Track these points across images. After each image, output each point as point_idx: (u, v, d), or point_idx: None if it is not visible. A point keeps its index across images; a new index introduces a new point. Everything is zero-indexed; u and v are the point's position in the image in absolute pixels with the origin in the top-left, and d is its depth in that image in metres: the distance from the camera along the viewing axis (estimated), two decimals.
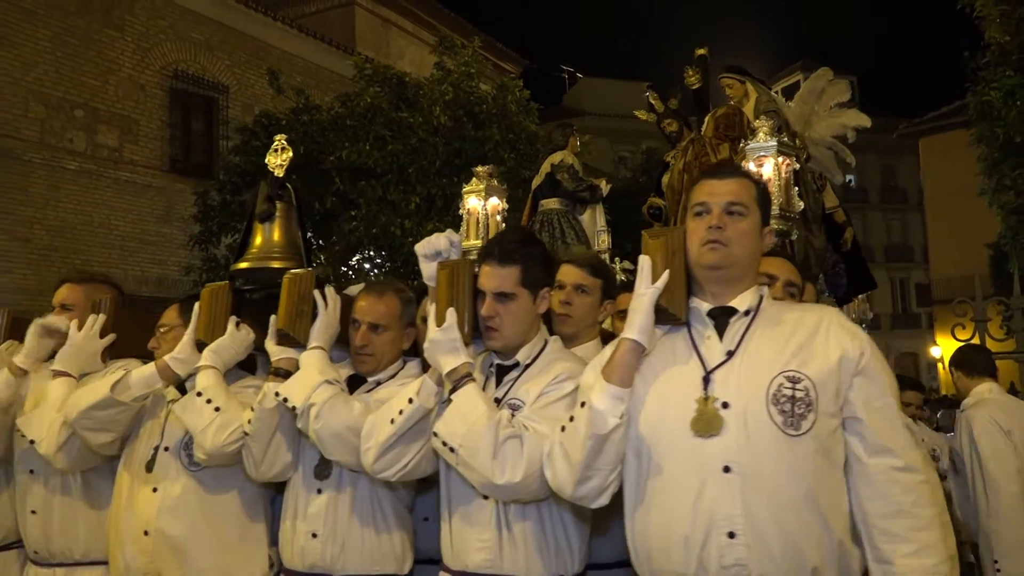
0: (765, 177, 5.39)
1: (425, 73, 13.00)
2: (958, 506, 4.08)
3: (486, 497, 2.16)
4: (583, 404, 1.89)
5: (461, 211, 6.96)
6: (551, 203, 6.65)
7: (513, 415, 2.11)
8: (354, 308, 2.60)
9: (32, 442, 2.82)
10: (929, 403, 6.29)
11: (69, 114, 13.23)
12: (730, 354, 1.86)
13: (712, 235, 1.89)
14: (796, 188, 5.57)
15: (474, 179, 6.96)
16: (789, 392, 1.78)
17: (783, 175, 5.43)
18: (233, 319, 2.78)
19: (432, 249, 2.40)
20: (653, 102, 6.67)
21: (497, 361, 2.31)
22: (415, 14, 20.84)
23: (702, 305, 1.94)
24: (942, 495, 1.87)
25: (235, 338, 2.75)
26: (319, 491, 2.51)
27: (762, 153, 5.46)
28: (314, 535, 2.47)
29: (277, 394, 2.48)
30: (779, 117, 6.11)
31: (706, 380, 1.83)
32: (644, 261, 1.92)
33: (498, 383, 2.27)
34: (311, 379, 2.43)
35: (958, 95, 13.49)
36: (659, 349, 1.95)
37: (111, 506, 2.81)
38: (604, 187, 6.85)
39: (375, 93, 11.40)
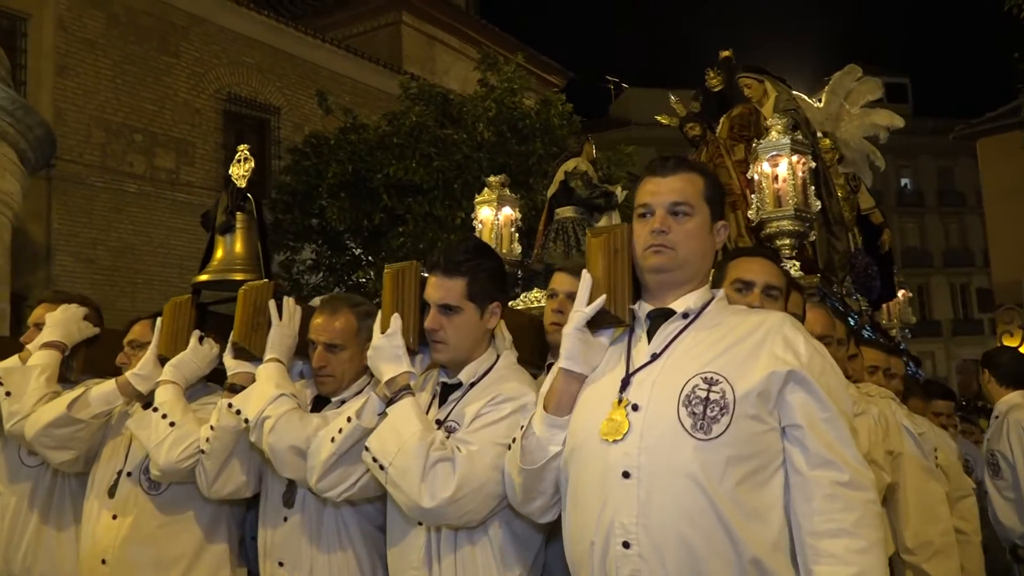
0: (781, 177, 5.32)
1: (470, 88, 13.20)
2: (999, 509, 4.04)
3: (420, 522, 2.05)
4: (523, 428, 1.86)
5: (474, 222, 6.85)
6: (566, 211, 6.54)
7: (448, 437, 2.01)
8: (310, 327, 2.50)
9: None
10: (982, 410, 6.12)
11: (129, 138, 13.75)
12: (654, 357, 1.75)
13: (656, 239, 1.77)
14: (813, 188, 5.46)
15: (486, 189, 6.83)
16: (703, 394, 1.65)
17: (799, 174, 5.32)
18: (196, 333, 2.72)
19: None
20: (675, 106, 6.57)
21: (443, 379, 2.21)
22: (460, 30, 21.12)
23: (644, 307, 1.84)
24: (886, 521, 1.84)
25: (197, 352, 2.68)
26: (285, 519, 2.43)
27: (775, 152, 5.35)
28: (280, 564, 2.41)
29: (231, 405, 2.41)
30: (798, 115, 5.98)
31: (624, 383, 1.74)
32: (584, 277, 1.84)
33: (442, 403, 2.17)
34: (267, 391, 2.36)
35: (1014, 96, 13.16)
36: (607, 355, 1.86)
37: (81, 528, 2.75)
38: (620, 193, 6.77)
39: (420, 112, 11.61)
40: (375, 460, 1.98)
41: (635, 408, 1.69)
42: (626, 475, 1.64)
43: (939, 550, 2.87)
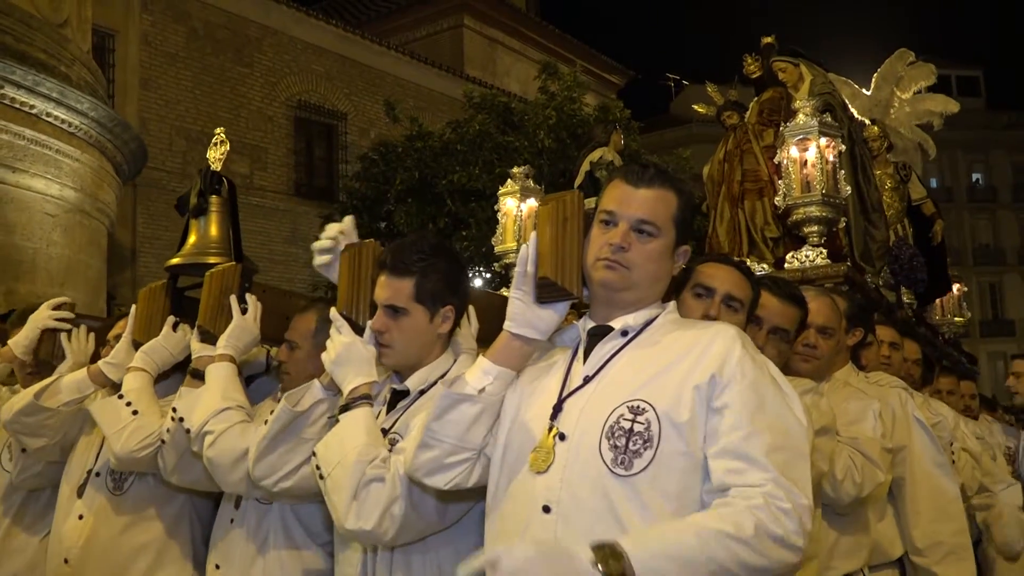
0: (809, 162, 5.13)
1: (531, 89, 13.49)
2: None
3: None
4: None
5: (498, 214, 6.77)
6: (592, 202, 6.55)
7: (391, 450, 1.87)
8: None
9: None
10: None
11: (206, 145, 14.39)
12: (587, 380, 1.63)
13: (612, 255, 1.63)
14: (843, 172, 5.27)
15: (509, 181, 6.72)
16: (627, 424, 1.52)
17: (828, 158, 5.12)
18: (171, 319, 2.63)
19: (330, 240, 2.19)
20: (712, 95, 6.39)
21: (393, 385, 2.07)
22: (521, 32, 21.44)
23: (587, 323, 1.72)
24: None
25: (169, 339, 2.59)
26: (232, 520, 2.39)
27: (803, 135, 5.17)
28: (217, 567, 2.37)
29: (174, 410, 2.34)
30: (833, 99, 5.79)
31: (556, 409, 1.61)
32: (531, 239, 1.71)
33: (390, 410, 2.04)
34: (212, 403, 2.25)
35: None
36: (542, 365, 1.73)
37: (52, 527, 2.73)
38: None
39: (483, 120, 12.01)
40: (318, 468, 1.88)
41: (562, 438, 1.57)
42: (546, 510, 1.53)
43: (951, 551, 2.67)
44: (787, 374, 2.40)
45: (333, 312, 2.01)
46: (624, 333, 1.67)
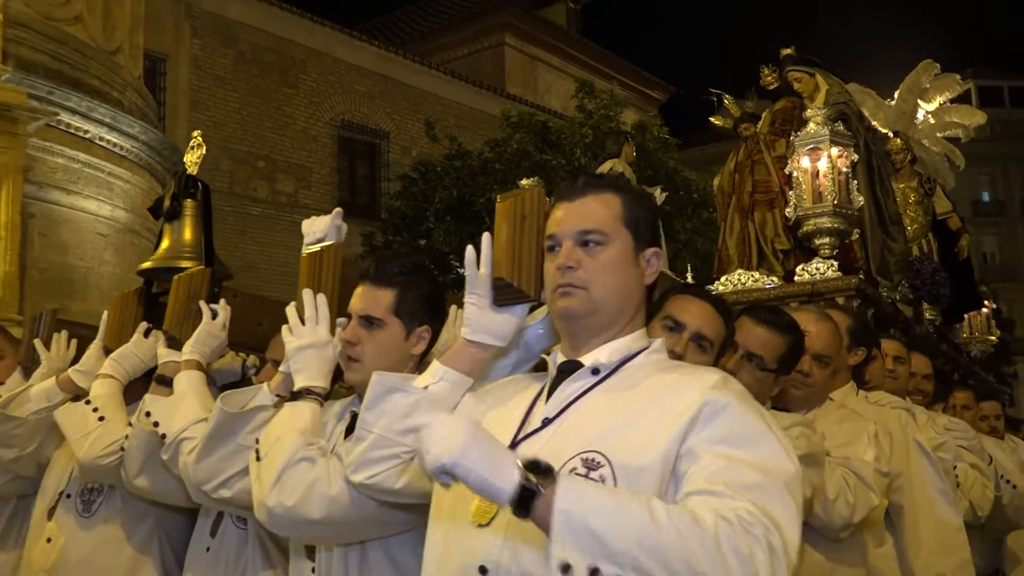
0: (821, 172, 4.99)
1: (571, 106, 13.60)
2: None
3: (310, 557, 1.84)
4: None
5: None
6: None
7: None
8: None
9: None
10: None
11: (253, 165, 14.85)
12: (545, 423, 1.41)
13: (563, 278, 1.42)
14: (856, 183, 5.14)
15: (516, 191, 6.79)
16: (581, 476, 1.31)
17: (840, 168, 5.00)
18: (142, 326, 2.54)
19: (313, 237, 2.09)
20: (729, 106, 6.28)
21: (354, 409, 1.88)
22: (562, 49, 21.59)
23: (558, 357, 1.51)
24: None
25: (140, 346, 2.51)
26: (207, 549, 2.29)
27: (814, 145, 5.05)
28: None
29: (148, 414, 2.21)
30: (849, 109, 5.68)
31: None
32: (485, 239, 1.56)
33: (348, 435, 1.83)
34: (191, 410, 2.13)
35: None
36: (511, 393, 1.54)
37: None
38: (659, 196, 6.55)
39: (521, 138, 12.16)
40: (257, 452, 1.78)
41: None
42: (483, 571, 1.31)
43: None
44: (781, 401, 2.28)
45: (309, 300, 1.89)
46: (595, 371, 1.44)
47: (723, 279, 5.51)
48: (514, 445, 1.40)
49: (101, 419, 2.38)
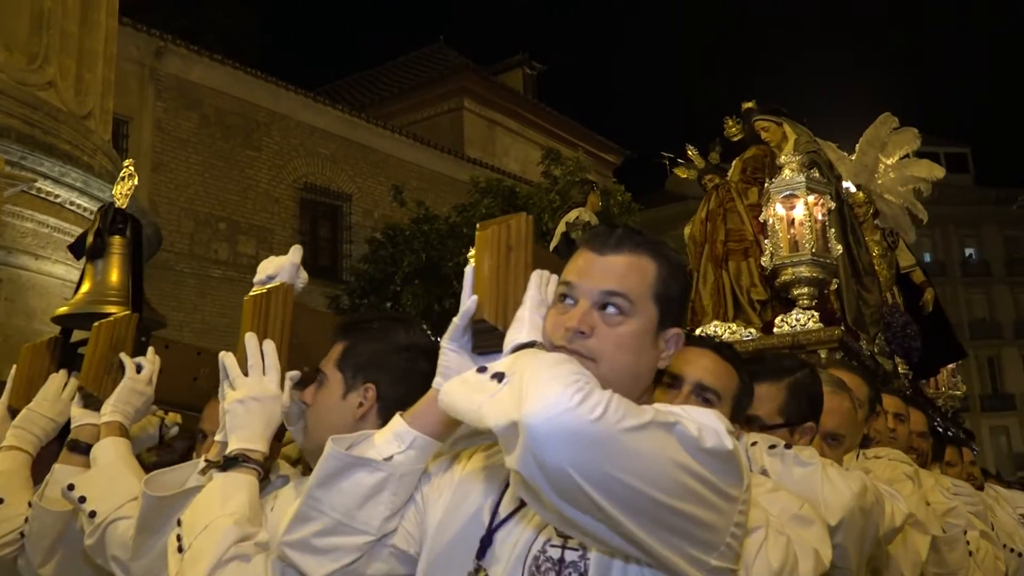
0: (797, 220, 4.84)
1: (530, 168, 13.88)
2: None
3: None
4: None
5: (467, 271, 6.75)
6: None
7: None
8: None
9: None
10: None
11: (214, 227, 14.75)
12: (523, 503, 1.23)
13: (572, 343, 1.22)
14: (833, 231, 5.05)
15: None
16: (556, 553, 1.18)
17: (816, 216, 4.87)
18: (56, 378, 2.18)
19: (263, 275, 1.77)
20: (693, 158, 6.07)
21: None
22: (519, 114, 22.09)
23: None
24: None
25: (48, 405, 2.12)
26: None
27: (789, 191, 4.90)
28: None
29: (71, 487, 1.79)
30: (819, 157, 5.61)
31: (484, 542, 1.25)
32: (467, 275, 1.34)
33: None
34: (127, 484, 1.78)
35: None
36: (493, 458, 1.34)
37: None
38: None
39: (489, 204, 12.36)
40: (179, 540, 1.49)
41: None
42: None
43: None
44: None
45: (252, 347, 1.61)
46: None
47: (697, 331, 5.20)
48: (490, 533, 1.26)
49: (0, 501, 1.99)
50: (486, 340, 1.32)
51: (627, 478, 0.97)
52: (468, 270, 1.33)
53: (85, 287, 2.50)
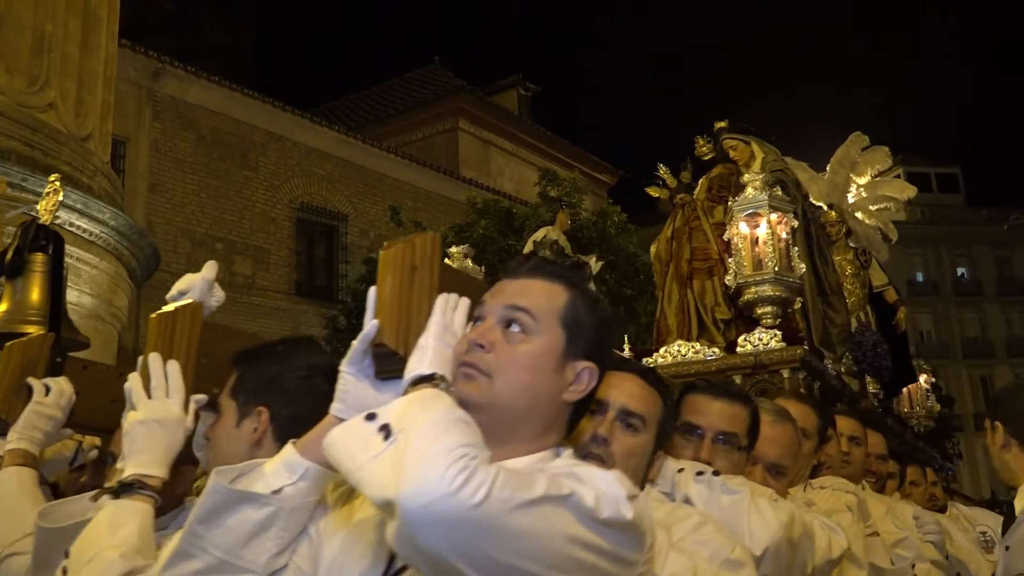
0: (760, 239, 4.84)
1: (524, 188, 13.94)
2: None
3: None
4: None
5: None
6: None
7: None
8: None
9: None
10: None
11: (211, 247, 14.74)
12: None
13: (469, 355, 1.18)
14: (796, 249, 5.04)
15: (446, 260, 6.48)
16: None
17: (779, 235, 4.86)
18: None
19: (175, 292, 1.70)
20: (665, 177, 6.02)
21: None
22: (514, 134, 22.21)
23: None
24: None
25: None
26: None
27: (752, 210, 4.88)
28: None
29: None
30: (785, 176, 5.62)
31: None
32: (369, 297, 1.26)
33: None
34: (26, 519, 1.65)
35: None
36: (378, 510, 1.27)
37: None
38: (595, 264, 6.35)
39: (486, 224, 12.39)
40: (63, 573, 1.41)
41: None
42: None
43: None
44: None
45: (156, 367, 1.52)
46: None
47: (662, 351, 5.18)
48: None
49: None
50: (388, 365, 1.24)
51: (514, 560, 0.94)
52: (371, 291, 1.25)
53: (3, 306, 2.40)
